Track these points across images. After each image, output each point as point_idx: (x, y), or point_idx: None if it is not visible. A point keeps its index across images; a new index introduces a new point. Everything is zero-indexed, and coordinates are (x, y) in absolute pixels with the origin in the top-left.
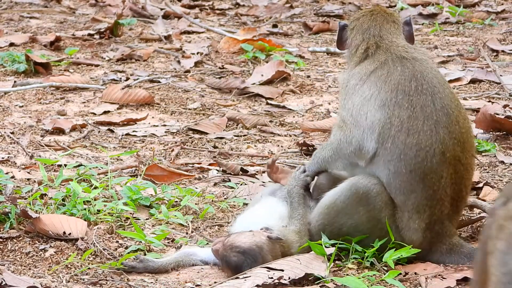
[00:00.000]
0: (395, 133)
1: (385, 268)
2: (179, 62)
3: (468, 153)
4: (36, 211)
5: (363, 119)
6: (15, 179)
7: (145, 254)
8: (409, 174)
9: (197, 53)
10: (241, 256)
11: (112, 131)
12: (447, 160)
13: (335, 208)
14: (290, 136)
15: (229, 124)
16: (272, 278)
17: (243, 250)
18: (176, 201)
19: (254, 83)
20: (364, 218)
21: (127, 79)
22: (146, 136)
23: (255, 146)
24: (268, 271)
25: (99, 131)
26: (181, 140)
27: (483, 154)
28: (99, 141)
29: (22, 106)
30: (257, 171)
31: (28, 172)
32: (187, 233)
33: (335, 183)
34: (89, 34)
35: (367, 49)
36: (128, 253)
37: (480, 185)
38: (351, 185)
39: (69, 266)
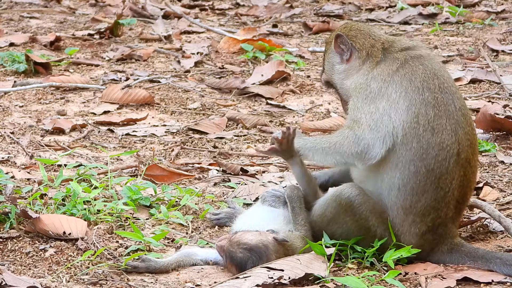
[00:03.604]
0: (422, 132)
1: (385, 268)
2: (179, 62)
3: (476, 156)
4: (36, 211)
5: (385, 125)
6: (15, 179)
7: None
8: (427, 173)
9: (197, 53)
10: (247, 253)
11: (112, 131)
12: (461, 162)
13: (325, 218)
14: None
15: (229, 124)
16: (272, 278)
17: (249, 247)
18: (176, 201)
19: (254, 83)
20: (354, 227)
21: (127, 79)
22: (146, 136)
23: (255, 146)
24: (268, 271)
25: (99, 131)
26: (181, 140)
27: (483, 154)
28: (99, 141)
29: (22, 106)
30: (257, 171)
31: (28, 172)
32: (187, 233)
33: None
34: (89, 34)
35: (383, 49)
36: (128, 253)
37: (480, 185)
38: (336, 196)
39: (69, 266)
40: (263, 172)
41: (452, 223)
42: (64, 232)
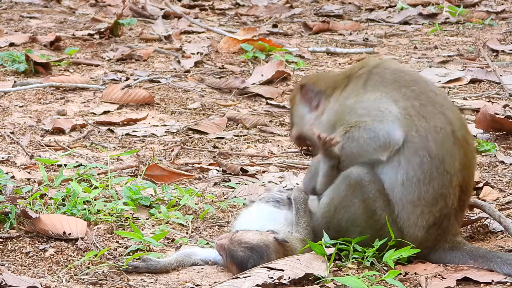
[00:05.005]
0: (417, 121)
1: (385, 268)
2: (179, 62)
3: (470, 134)
4: (36, 211)
5: (386, 112)
6: (15, 179)
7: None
8: (431, 160)
9: (197, 53)
10: (248, 252)
11: (112, 131)
12: (458, 141)
13: (333, 204)
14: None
15: (229, 124)
16: (272, 278)
17: (251, 246)
18: (176, 201)
19: (254, 83)
20: (360, 210)
21: (127, 79)
22: (146, 136)
23: (255, 146)
24: (268, 271)
25: (99, 131)
26: (181, 140)
27: (483, 154)
28: (99, 141)
29: (22, 106)
30: (257, 171)
31: (28, 172)
32: (187, 233)
33: None
34: (89, 34)
35: (346, 76)
36: (128, 253)
37: (480, 185)
38: (344, 178)
39: (69, 266)
40: (263, 172)
41: (455, 218)
42: (64, 232)
